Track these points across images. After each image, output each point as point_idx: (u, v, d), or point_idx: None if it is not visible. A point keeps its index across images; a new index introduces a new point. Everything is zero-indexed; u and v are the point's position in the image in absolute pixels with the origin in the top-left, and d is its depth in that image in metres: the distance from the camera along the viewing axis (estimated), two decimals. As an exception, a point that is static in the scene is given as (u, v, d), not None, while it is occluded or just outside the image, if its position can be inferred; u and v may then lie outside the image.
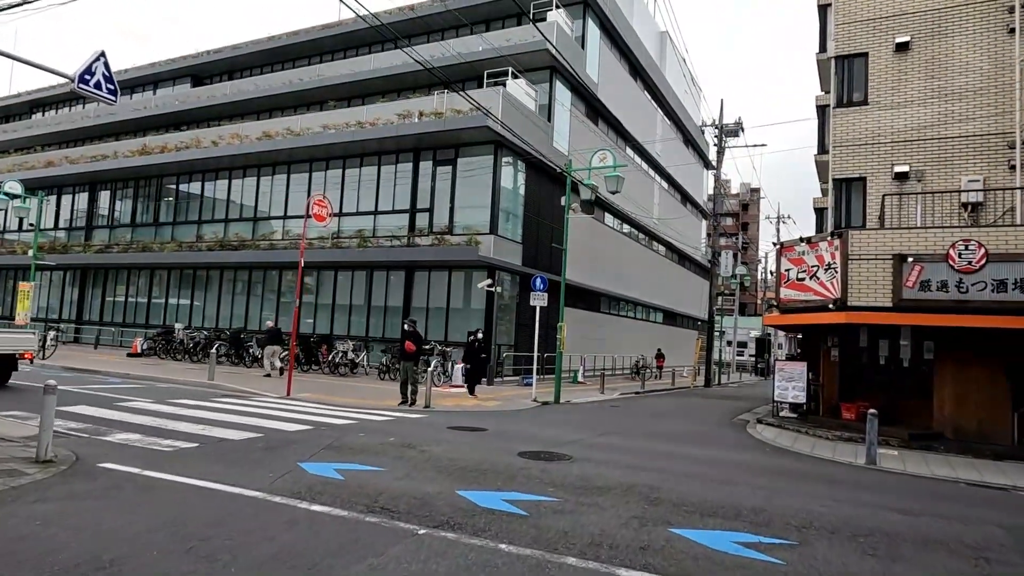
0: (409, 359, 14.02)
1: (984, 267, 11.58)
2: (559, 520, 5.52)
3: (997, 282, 11.52)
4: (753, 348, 57.79)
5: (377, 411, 12.69)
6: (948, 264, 11.84)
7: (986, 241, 11.64)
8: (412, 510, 5.55)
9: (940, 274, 11.94)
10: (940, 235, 12.06)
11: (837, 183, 15.85)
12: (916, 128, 15.05)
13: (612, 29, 29.15)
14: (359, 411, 12.44)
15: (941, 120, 14.86)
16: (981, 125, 14.54)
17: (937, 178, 14.71)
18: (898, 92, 15.29)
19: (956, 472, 9.95)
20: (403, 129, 22.07)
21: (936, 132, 14.89)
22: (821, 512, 6.41)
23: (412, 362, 14.05)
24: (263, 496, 5.77)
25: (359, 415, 11.80)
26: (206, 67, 34.98)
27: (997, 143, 14.40)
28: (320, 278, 25.19)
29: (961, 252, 11.75)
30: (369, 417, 11.64)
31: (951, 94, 14.80)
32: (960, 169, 14.60)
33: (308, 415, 11.31)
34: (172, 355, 23.13)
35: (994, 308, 11.46)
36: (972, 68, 14.68)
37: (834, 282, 12.96)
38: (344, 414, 11.79)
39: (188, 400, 12.47)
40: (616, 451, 9.68)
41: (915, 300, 12.07)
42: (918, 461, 10.68)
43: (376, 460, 7.65)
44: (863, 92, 15.67)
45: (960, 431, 12.34)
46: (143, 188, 31.39)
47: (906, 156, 15.08)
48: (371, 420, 11.27)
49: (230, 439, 8.53)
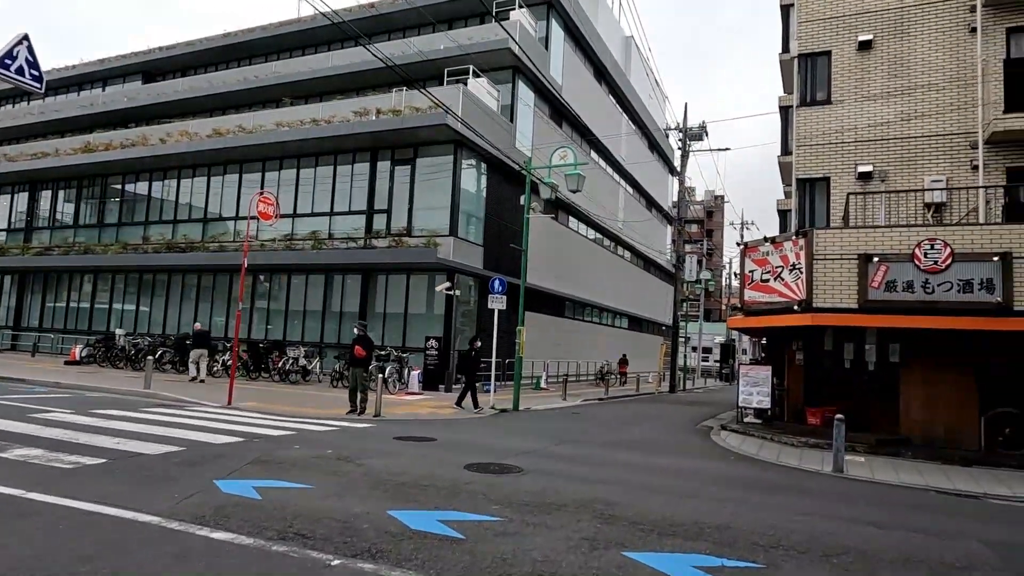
0: (359, 365, 13.23)
1: (950, 267, 11.31)
2: (500, 544, 4.85)
3: (963, 282, 11.25)
4: (718, 354, 57.98)
5: (322, 420, 11.87)
6: (914, 264, 11.55)
7: (952, 240, 11.37)
8: (331, 535, 4.83)
9: (906, 274, 11.63)
10: (906, 234, 11.77)
11: (801, 183, 15.57)
12: (879, 127, 14.85)
13: (576, 31, 28.78)
14: (302, 421, 11.62)
15: (904, 119, 14.68)
16: (943, 124, 14.38)
17: (900, 178, 14.50)
18: (861, 91, 15.09)
19: (926, 479, 9.57)
20: (360, 127, 21.27)
21: (899, 131, 14.70)
22: (790, 528, 5.87)
23: (362, 368, 13.27)
24: (158, 522, 4.99)
25: (301, 425, 10.98)
26: (159, 63, 33.63)
27: (959, 143, 14.25)
28: (273, 281, 24.16)
29: (927, 252, 11.47)
30: (311, 427, 10.83)
31: (913, 93, 14.64)
32: (923, 169, 14.42)
33: (244, 425, 10.45)
34: (112, 362, 21.85)
35: (960, 309, 11.18)
36: (934, 67, 14.53)
37: (799, 283, 12.58)
38: (285, 424, 10.95)
39: (115, 411, 11.48)
40: (573, 461, 9.06)
41: (881, 301, 11.75)
42: (886, 468, 10.29)
43: (305, 476, 6.89)
44: (826, 91, 15.43)
45: (928, 436, 12.03)
46: (87, 188, 29.91)
47: (869, 156, 14.86)
48: (312, 430, 10.47)
49: (145, 454, 7.68)
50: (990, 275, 11.09)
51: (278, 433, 9.89)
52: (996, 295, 11.01)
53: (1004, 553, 5.59)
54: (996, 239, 11.18)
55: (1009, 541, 6.12)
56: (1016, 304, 10.93)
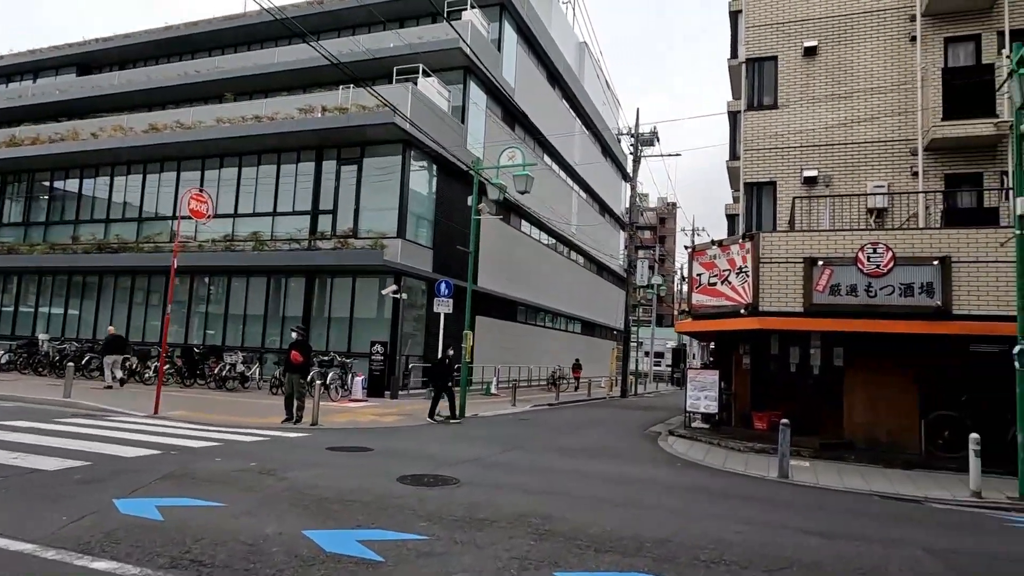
0: (296, 371, 12.61)
1: (892, 271, 11.38)
2: (422, 567, 4.44)
3: (904, 286, 11.33)
4: (670, 358, 58.63)
5: (254, 430, 11.23)
6: (857, 267, 11.59)
7: (894, 244, 11.45)
8: (233, 561, 4.33)
9: (850, 278, 11.67)
10: (849, 238, 11.81)
11: (748, 187, 15.62)
12: (824, 132, 15.00)
13: (530, 34, 28.59)
14: (232, 430, 10.95)
15: (848, 125, 14.86)
16: (886, 131, 14.60)
17: (844, 183, 14.66)
18: (807, 96, 15.22)
19: (869, 483, 9.53)
20: (304, 124, 20.56)
21: (843, 137, 14.87)
22: (733, 540, 5.61)
23: (299, 374, 12.65)
24: (32, 550, 4.40)
25: (229, 435, 10.33)
26: (95, 56, 32.09)
27: (900, 149, 14.48)
28: (212, 284, 23.16)
29: (870, 255, 11.52)
30: (240, 437, 10.19)
31: (857, 99, 14.83)
32: (866, 174, 14.60)
33: (166, 436, 9.75)
34: (35, 369, 20.56)
35: (902, 313, 11.26)
36: (876, 75, 14.75)
37: (746, 286, 12.52)
38: (211, 434, 10.28)
39: (24, 422, 10.61)
40: (516, 471, 8.69)
41: (825, 305, 11.76)
42: (830, 472, 10.23)
43: (220, 492, 6.33)
44: (773, 96, 15.53)
45: (871, 439, 12.09)
46: (12, 185, 28.24)
47: (815, 160, 14.99)
48: (240, 441, 9.84)
49: (43, 470, 6.98)
50: (930, 279, 11.20)
51: (201, 444, 9.24)
52: (936, 299, 11.12)
53: (948, 560, 5.45)
54: (936, 243, 11.30)
55: (951, 548, 6.00)
56: (955, 308, 11.05)
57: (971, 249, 11.08)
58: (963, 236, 11.22)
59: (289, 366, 12.73)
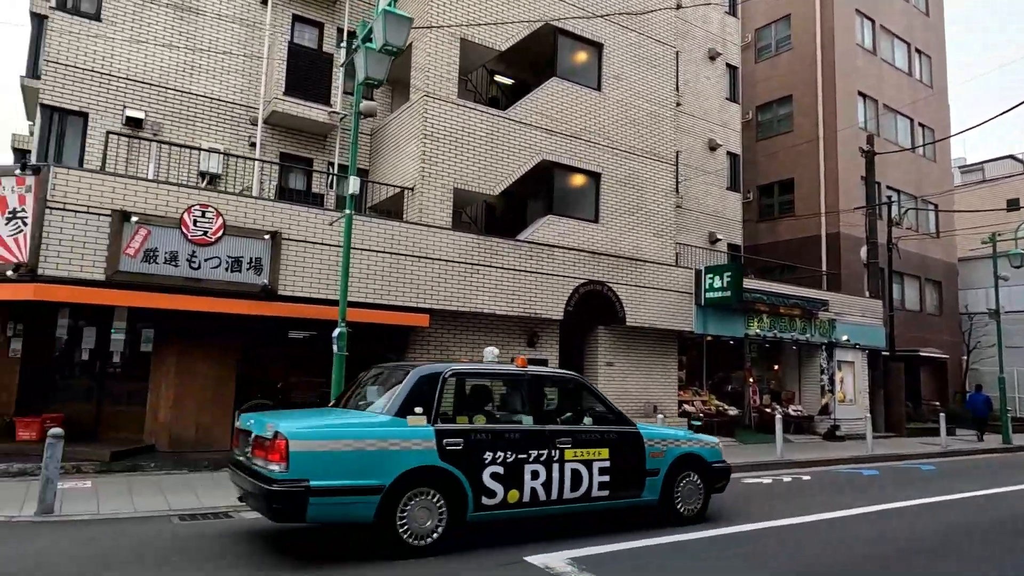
0: None
1: (221, 240, 9.75)
2: None
3: (233, 259, 9.87)
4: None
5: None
6: (182, 232, 9.49)
7: (226, 210, 9.86)
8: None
9: (171, 243, 9.46)
10: (176, 194, 9.60)
11: (48, 111, 11.55)
12: (158, 72, 12.40)
13: None
14: None
15: (187, 72, 12.70)
16: (227, 91, 13.10)
17: (177, 136, 12.40)
18: (141, 22, 12.32)
19: (170, 500, 7.48)
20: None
21: (181, 84, 12.62)
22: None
23: None
24: None
25: None
26: None
27: (241, 115, 13.22)
28: None
29: (197, 219, 9.60)
30: None
31: (201, 47, 12.84)
32: (203, 133, 12.73)
33: None
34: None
35: (229, 290, 9.75)
36: (224, 27, 13.12)
37: (20, 238, 8.73)
38: None
39: None
40: None
41: (138, 274, 9.20)
42: (120, 491, 7.73)
43: None
44: (96, 3, 11.99)
45: (177, 440, 10.09)
46: None
47: (143, 101, 12.22)
48: None
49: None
50: (260, 254, 10.07)
51: None
52: (264, 277, 10.06)
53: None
54: (270, 216, 10.27)
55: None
56: (281, 289, 10.23)
57: (301, 228, 10.50)
58: (296, 213, 10.55)
59: None
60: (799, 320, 17.43)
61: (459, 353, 12.32)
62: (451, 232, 12.23)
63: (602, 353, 14.28)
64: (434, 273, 11.70)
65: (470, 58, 13.86)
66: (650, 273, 14.76)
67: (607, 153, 14.91)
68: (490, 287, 12.34)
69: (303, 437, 5.20)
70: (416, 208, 12.51)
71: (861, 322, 19.10)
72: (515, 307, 12.61)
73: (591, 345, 14.42)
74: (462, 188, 12.94)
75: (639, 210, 15.34)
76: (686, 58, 19.52)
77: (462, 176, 12.91)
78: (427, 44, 12.82)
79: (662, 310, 14.81)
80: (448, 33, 13.05)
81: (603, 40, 15.12)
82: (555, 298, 13.13)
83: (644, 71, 15.81)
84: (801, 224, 22.44)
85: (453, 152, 12.82)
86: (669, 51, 16.55)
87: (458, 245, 12.08)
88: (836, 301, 18.64)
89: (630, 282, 14.32)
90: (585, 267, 13.68)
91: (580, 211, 14.57)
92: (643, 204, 15.44)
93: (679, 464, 6.93)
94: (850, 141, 21.90)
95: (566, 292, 13.29)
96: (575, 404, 6.99)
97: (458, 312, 12.12)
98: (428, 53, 12.81)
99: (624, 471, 6.54)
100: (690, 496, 6.99)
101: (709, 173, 20.32)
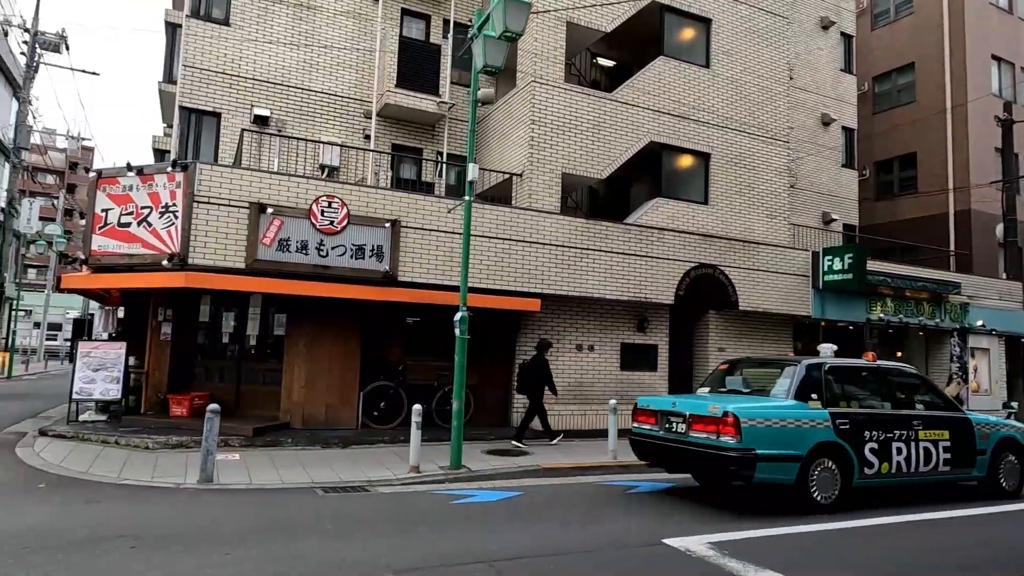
0: None
1: (346, 229, 10.21)
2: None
3: (356, 247, 10.31)
4: (71, 331, 48.23)
5: None
6: (311, 222, 10.01)
7: (349, 200, 10.30)
8: None
9: (302, 233, 10.00)
10: (304, 186, 10.14)
11: (185, 113, 12.46)
12: (281, 71, 13.08)
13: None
14: None
15: (306, 70, 13.32)
16: (343, 87, 13.64)
17: (298, 132, 13.05)
18: (265, 25, 13.02)
19: (309, 472, 7.96)
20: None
21: (300, 81, 13.25)
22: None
23: None
24: None
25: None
26: None
27: (356, 109, 13.74)
28: None
29: (324, 209, 10.09)
30: None
31: (318, 45, 13.42)
32: (321, 128, 13.33)
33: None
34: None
35: (354, 276, 10.20)
36: (339, 23, 13.65)
37: (172, 231, 9.48)
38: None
39: None
40: None
41: (273, 262, 9.80)
42: (265, 465, 8.29)
43: None
44: (225, 10, 12.77)
45: (309, 418, 10.71)
46: None
47: (268, 100, 12.94)
48: None
49: None
50: (381, 242, 10.47)
51: None
52: (385, 263, 10.45)
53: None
54: (389, 204, 10.64)
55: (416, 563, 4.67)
56: (401, 275, 10.59)
57: (419, 216, 10.81)
58: (413, 201, 10.88)
59: None
60: (927, 304, 16.30)
61: (570, 338, 12.35)
62: (560, 217, 12.23)
63: (713, 339, 13.92)
64: (544, 258, 11.75)
65: (575, 41, 13.75)
66: (764, 256, 14.22)
67: (717, 132, 14.44)
68: (599, 271, 12.26)
69: (748, 416, 6.41)
70: (525, 194, 12.59)
71: (998, 306, 17.63)
72: (624, 291, 12.47)
73: (701, 330, 14.09)
74: (570, 172, 12.91)
75: (751, 190, 14.78)
76: (797, 29, 18.52)
77: (570, 160, 12.87)
78: (534, 29, 12.81)
79: (776, 294, 14.24)
80: (554, 16, 13.01)
81: (712, 15, 14.60)
82: (665, 282, 12.89)
83: (755, 45, 15.17)
84: (924, 202, 20.86)
85: (560, 136, 12.80)
86: (781, 22, 15.78)
87: (567, 229, 12.08)
88: (969, 283, 17.28)
89: (743, 265, 13.84)
90: (695, 250, 13.34)
91: (689, 193, 14.21)
92: (755, 184, 14.86)
93: (1001, 445, 8.02)
94: (983, 110, 20.13)
95: (676, 276, 13.01)
96: (913, 392, 7.95)
97: (566, 296, 12.13)
98: (535, 38, 12.81)
99: (961, 449, 7.65)
100: (1011, 473, 8.10)
101: (823, 150, 19.27)
